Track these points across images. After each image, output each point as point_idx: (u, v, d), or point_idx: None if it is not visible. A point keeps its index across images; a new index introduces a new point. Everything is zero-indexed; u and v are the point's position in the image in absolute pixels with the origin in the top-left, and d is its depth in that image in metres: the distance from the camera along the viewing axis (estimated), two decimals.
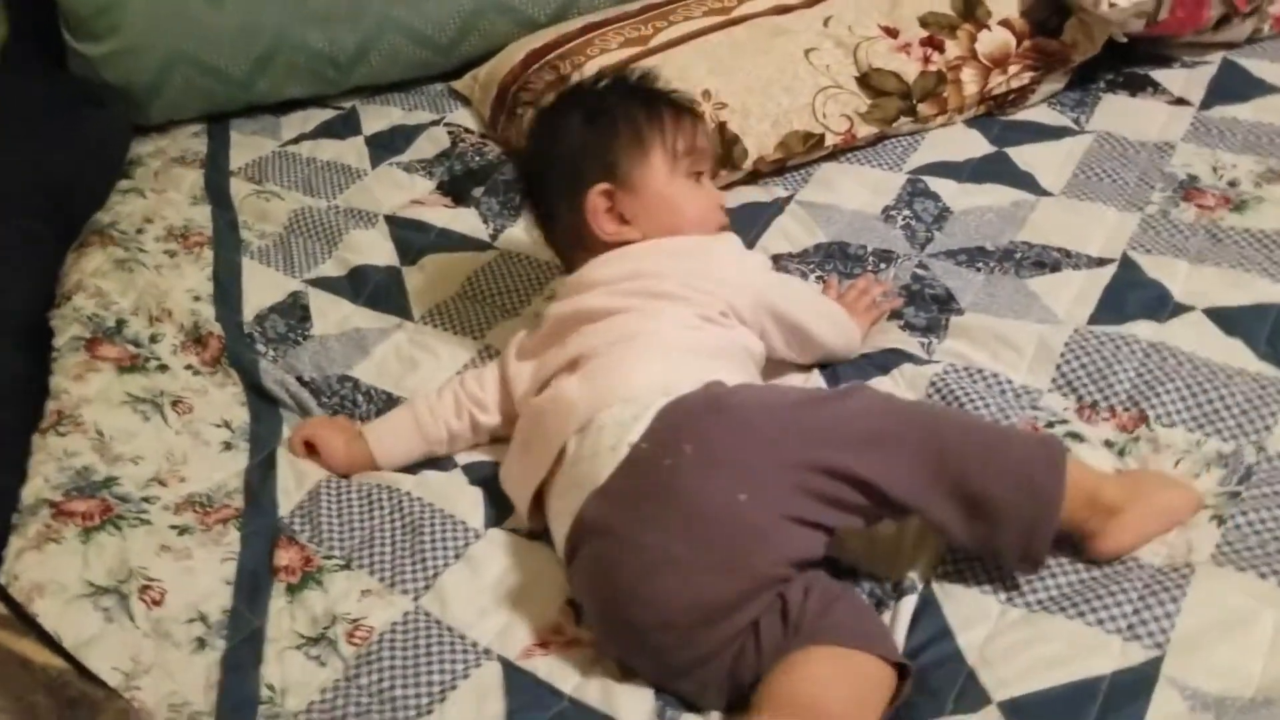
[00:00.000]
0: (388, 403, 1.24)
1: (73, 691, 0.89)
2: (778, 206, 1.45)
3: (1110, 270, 1.25)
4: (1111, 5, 1.50)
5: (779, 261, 1.35)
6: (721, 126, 1.47)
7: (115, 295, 1.37)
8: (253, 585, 1.01)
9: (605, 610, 0.91)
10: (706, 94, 1.49)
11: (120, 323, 1.32)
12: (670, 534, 0.88)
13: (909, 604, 0.92)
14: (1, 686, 0.84)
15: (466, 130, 1.75)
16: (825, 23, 1.56)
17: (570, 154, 1.15)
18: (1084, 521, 0.91)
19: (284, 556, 1.04)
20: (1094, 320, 1.17)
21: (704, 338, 1.06)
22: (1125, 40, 1.56)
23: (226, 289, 1.44)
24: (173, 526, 1.07)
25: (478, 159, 1.66)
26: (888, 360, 1.17)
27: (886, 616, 0.92)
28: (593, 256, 1.13)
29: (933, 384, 1.12)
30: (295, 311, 1.40)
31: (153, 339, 1.31)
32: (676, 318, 1.06)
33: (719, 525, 0.88)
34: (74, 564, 1.02)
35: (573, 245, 1.17)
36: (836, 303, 1.21)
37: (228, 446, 1.17)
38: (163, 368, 1.26)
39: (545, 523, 1.01)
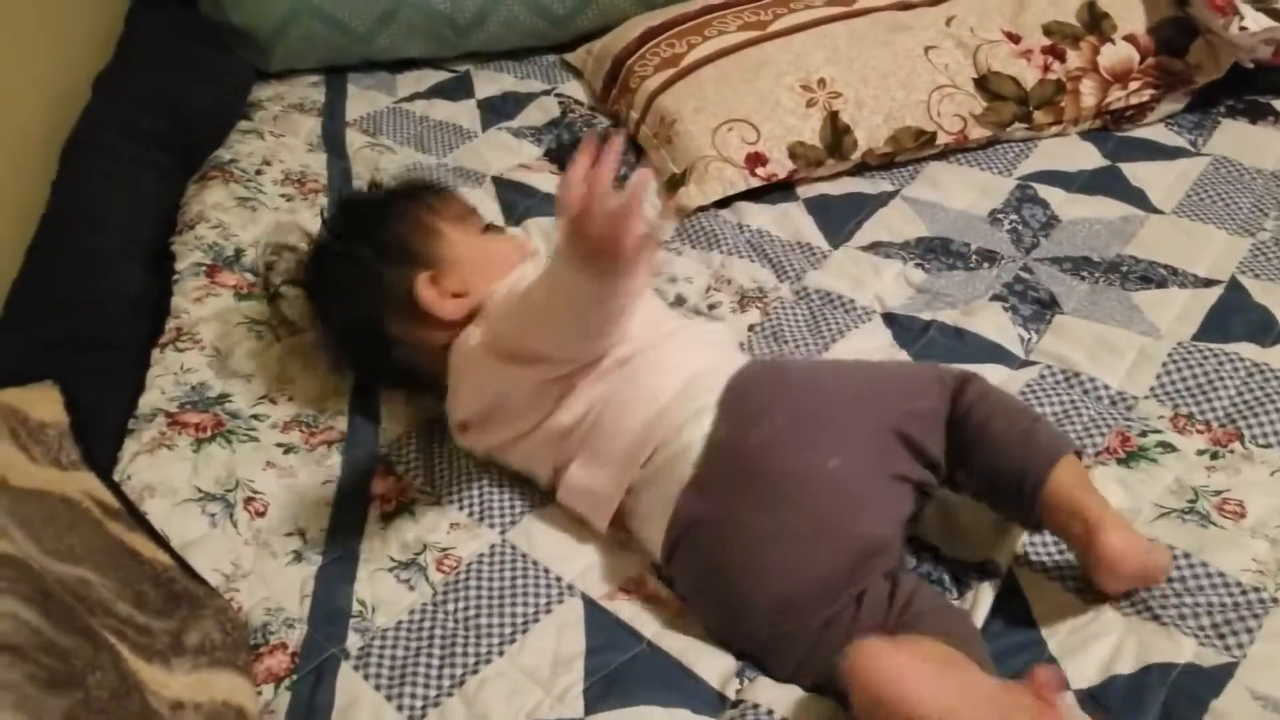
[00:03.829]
0: None
1: (177, 587, 0.93)
2: (882, 199, 1.46)
3: (1216, 291, 1.24)
4: (1241, 29, 1.48)
5: (878, 249, 1.36)
6: (834, 116, 1.48)
7: (236, 229, 1.42)
8: (350, 508, 1.05)
9: (721, 598, 0.90)
10: (821, 82, 1.50)
11: (239, 252, 1.37)
12: (773, 512, 0.90)
13: (991, 588, 0.93)
14: (114, 572, 0.88)
15: (576, 102, 1.78)
16: (948, 22, 1.57)
17: (378, 274, 1.09)
18: (1069, 524, 0.90)
19: (380, 485, 1.08)
20: (1196, 339, 1.17)
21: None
22: (1251, 66, 1.54)
23: None
24: (279, 444, 1.12)
25: (586, 130, 1.69)
26: (984, 351, 1.18)
27: (969, 596, 0.93)
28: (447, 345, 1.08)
29: (1025, 390, 1.12)
30: None
31: (269, 266, 1.35)
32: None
33: (816, 497, 0.90)
34: (184, 470, 1.07)
35: (433, 354, 1.09)
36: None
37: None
38: (277, 295, 1.30)
39: (622, 530, 1.01)
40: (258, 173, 1.58)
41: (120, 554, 0.93)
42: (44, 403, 1.03)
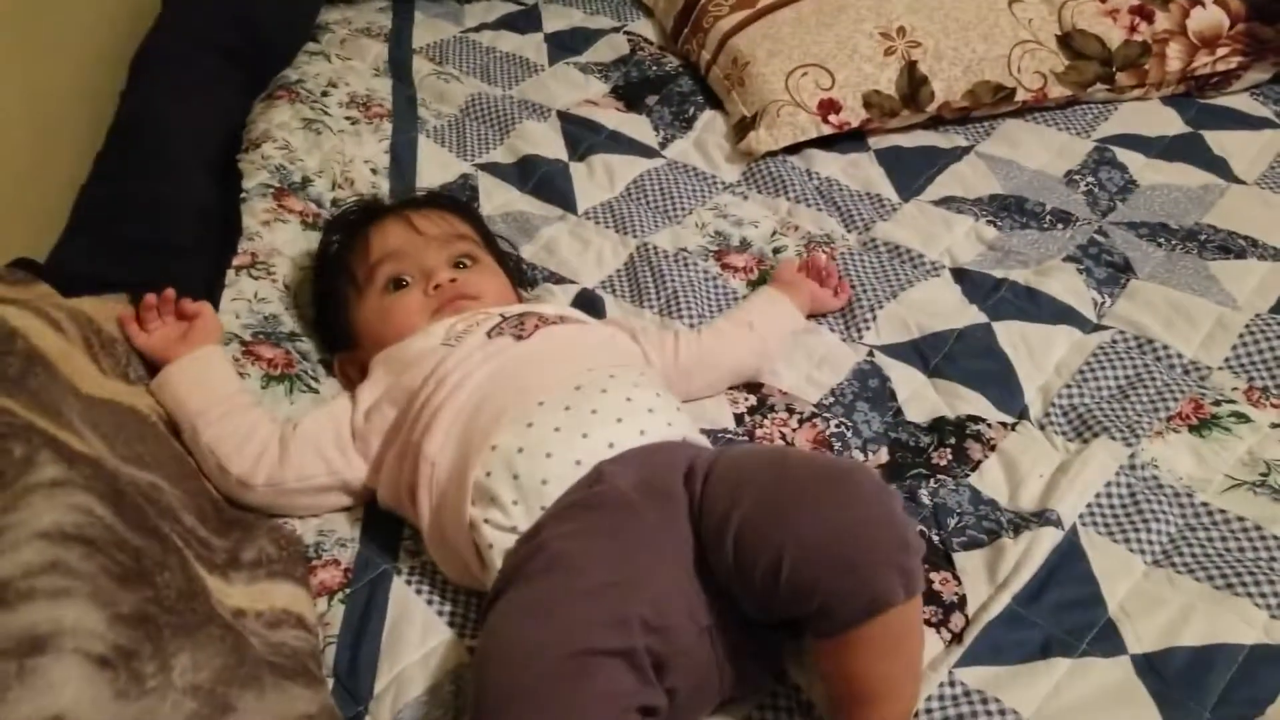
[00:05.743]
0: (549, 276, 1.27)
1: (228, 514, 0.94)
2: (956, 154, 1.44)
3: None
4: None
5: (950, 203, 1.34)
6: (912, 66, 1.45)
7: (301, 153, 1.41)
8: None
9: None
10: (901, 30, 1.47)
11: (305, 180, 1.36)
12: None
13: (1050, 535, 0.92)
14: (181, 484, 0.89)
15: (646, 40, 1.76)
16: None
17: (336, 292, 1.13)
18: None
19: None
20: (1275, 312, 1.15)
21: None
22: None
23: (401, 163, 1.48)
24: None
25: (655, 69, 1.67)
26: (1056, 313, 1.16)
27: (1024, 539, 0.92)
28: None
29: (1097, 352, 1.11)
30: (465, 192, 1.43)
31: (334, 204, 1.35)
32: None
33: None
34: None
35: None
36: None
37: None
38: None
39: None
40: (323, 94, 1.58)
41: (185, 467, 0.93)
42: (115, 317, 1.03)
